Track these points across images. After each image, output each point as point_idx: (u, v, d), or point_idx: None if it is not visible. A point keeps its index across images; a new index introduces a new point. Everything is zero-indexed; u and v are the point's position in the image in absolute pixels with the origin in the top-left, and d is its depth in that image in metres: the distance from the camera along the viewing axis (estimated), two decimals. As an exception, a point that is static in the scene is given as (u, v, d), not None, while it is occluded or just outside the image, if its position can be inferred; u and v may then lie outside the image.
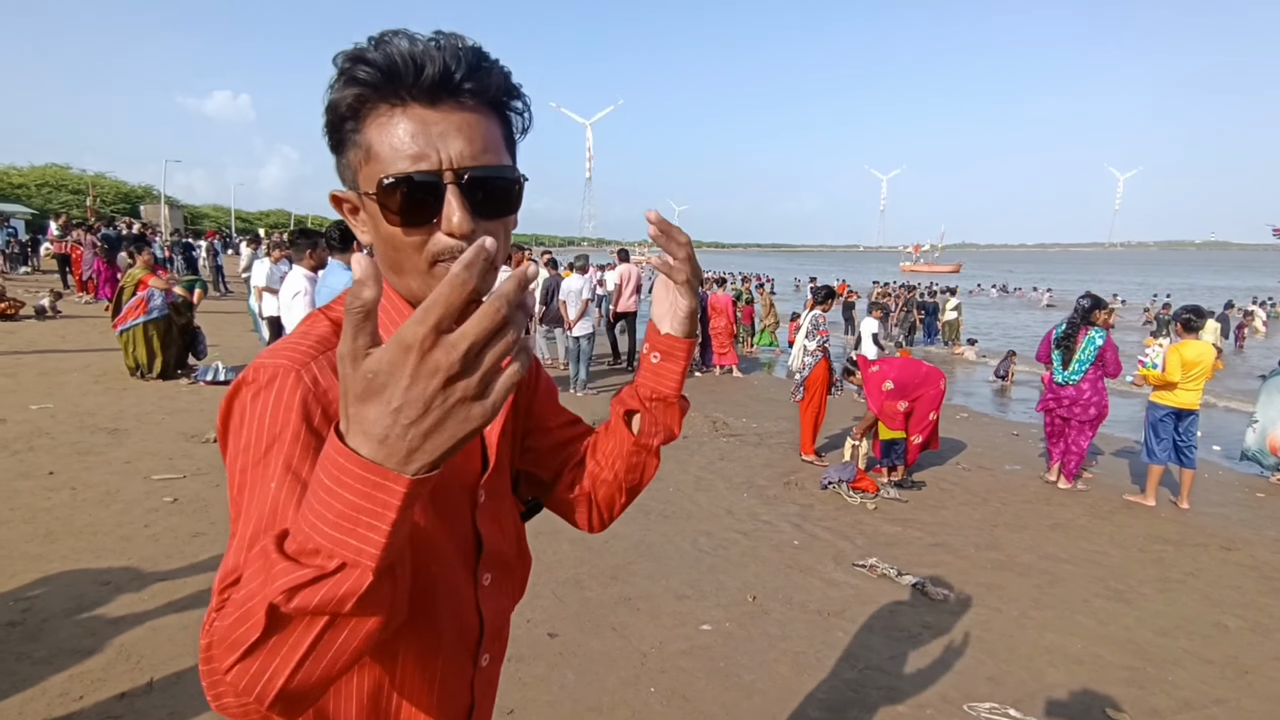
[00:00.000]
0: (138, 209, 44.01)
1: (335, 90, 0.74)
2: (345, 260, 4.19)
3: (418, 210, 0.73)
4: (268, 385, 0.72)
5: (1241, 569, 4.53)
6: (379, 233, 0.77)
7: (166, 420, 6.28)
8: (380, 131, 0.73)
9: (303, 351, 0.76)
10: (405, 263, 0.77)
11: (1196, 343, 5.62)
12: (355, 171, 0.77)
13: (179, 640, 2.99)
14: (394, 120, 0.73)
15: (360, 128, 0.74)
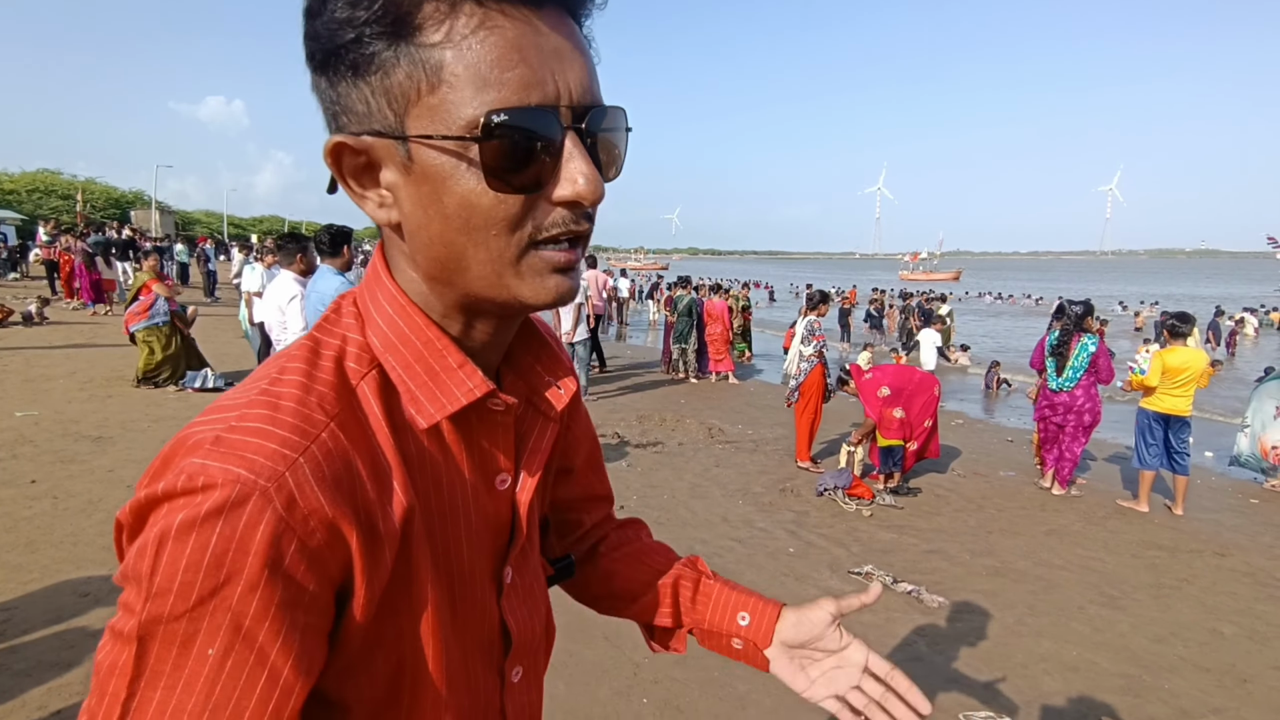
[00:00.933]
0: (128, 214, 43.82)
1: None
2: (335, 265, 4.14)
3: (531, 165, 0.49)
4: (214, 515, 0.44)
5: (1236, 575, 4.51)
6: (441, 202, 0.50)
7: (152, 428, 6.20)
8: (464, 41, 0.47)
9: (274, 451, 0.47)
10: (479, 248, 0.51)
11: (1183, 349, 5.62)
12: (404, 104, 0.49)
13: (160, 652, 2.92)
14: (488, 22, 0.47)
15: (418, 33, 0.47)
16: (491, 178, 0.49)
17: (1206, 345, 17.42)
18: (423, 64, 0.47)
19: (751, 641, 0.80)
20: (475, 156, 0.48)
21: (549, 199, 0.51)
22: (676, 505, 5.21)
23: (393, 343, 0.56)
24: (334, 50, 0.49)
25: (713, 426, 7.71)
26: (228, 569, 0.44)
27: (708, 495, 5.50)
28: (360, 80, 0.49)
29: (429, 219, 0.51)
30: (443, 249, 0.52)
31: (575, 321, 8.62)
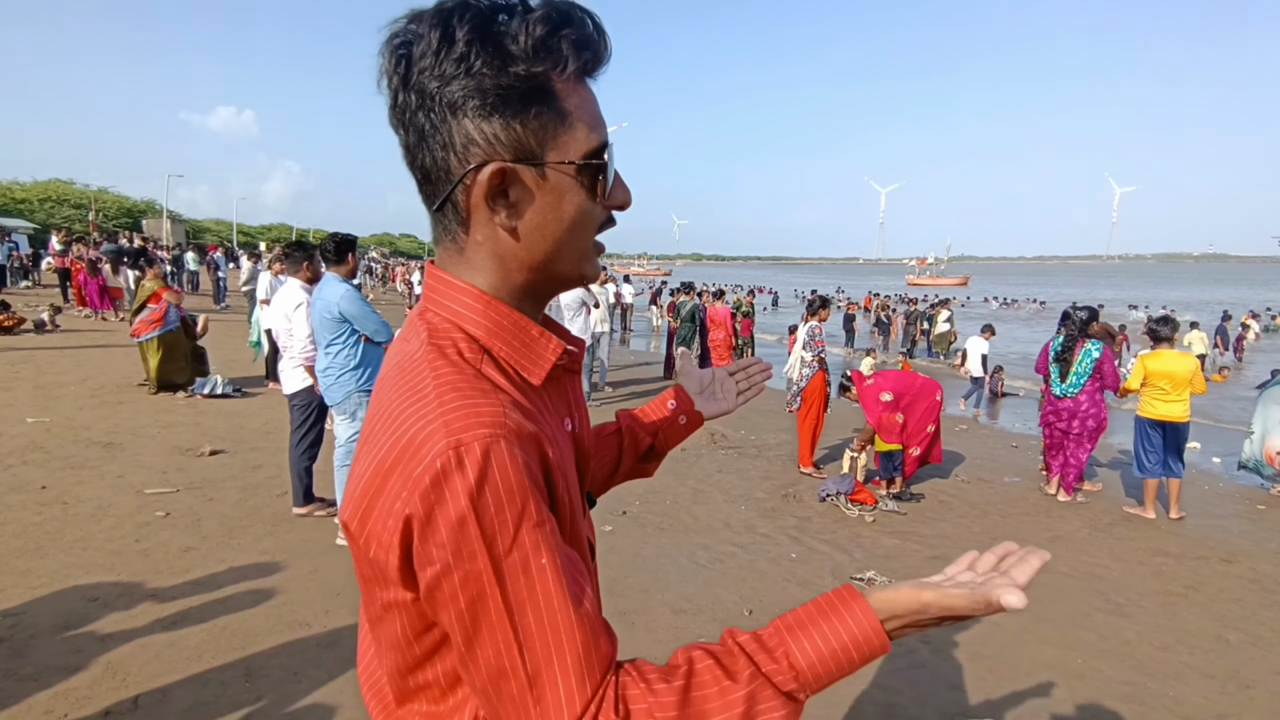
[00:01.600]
0: (140, 223, 44.19)
1: (532, 46, 0.65)
2: (340, 272, 4.18)
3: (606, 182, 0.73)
4: (484, 466, 0.59)
5: (1242, 582, 4.49)
6: (561, 210, 0.70)
7: (162, 434, 6.25)
8: (579, 100, 0.70)
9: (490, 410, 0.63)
10: (576, 241, 0.73)
11: (1168, 353, 5.60)
12: (544, 140, 0.68)
13: (166, 657, 2.95)
14: (581, 91, 0.70)
15: (553, 92, 0.67)
16: (594, 191, 0.72)
17: (1214, 350, 17.33)
18: (558, 113, 0.68)
19: (684, 410, 1.13)
20: (586, 177, 0.70)
21: (617, 203, 0.76)
22: (679, 510, 5.22)
23: (493, 330, 0.72)
24: (504, 98, 0.66)
25: (715, 432, 7.72)
26: (519, 498, 0.60)
27: (710, 500, 5.51)
28: (516, 121, 0.67)
29: (547, 221, 0.70)
30: (552, 243, 0.71)
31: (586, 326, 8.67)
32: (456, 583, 0.59)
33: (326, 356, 4.10)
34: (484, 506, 0.58)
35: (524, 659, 0.60)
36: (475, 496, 0.58)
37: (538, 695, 0.60)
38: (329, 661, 2.99)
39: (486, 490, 0.58)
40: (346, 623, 3.31)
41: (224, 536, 4.20)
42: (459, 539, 0.58)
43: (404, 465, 0.60)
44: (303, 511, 4.56)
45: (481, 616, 0.60)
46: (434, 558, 0.59)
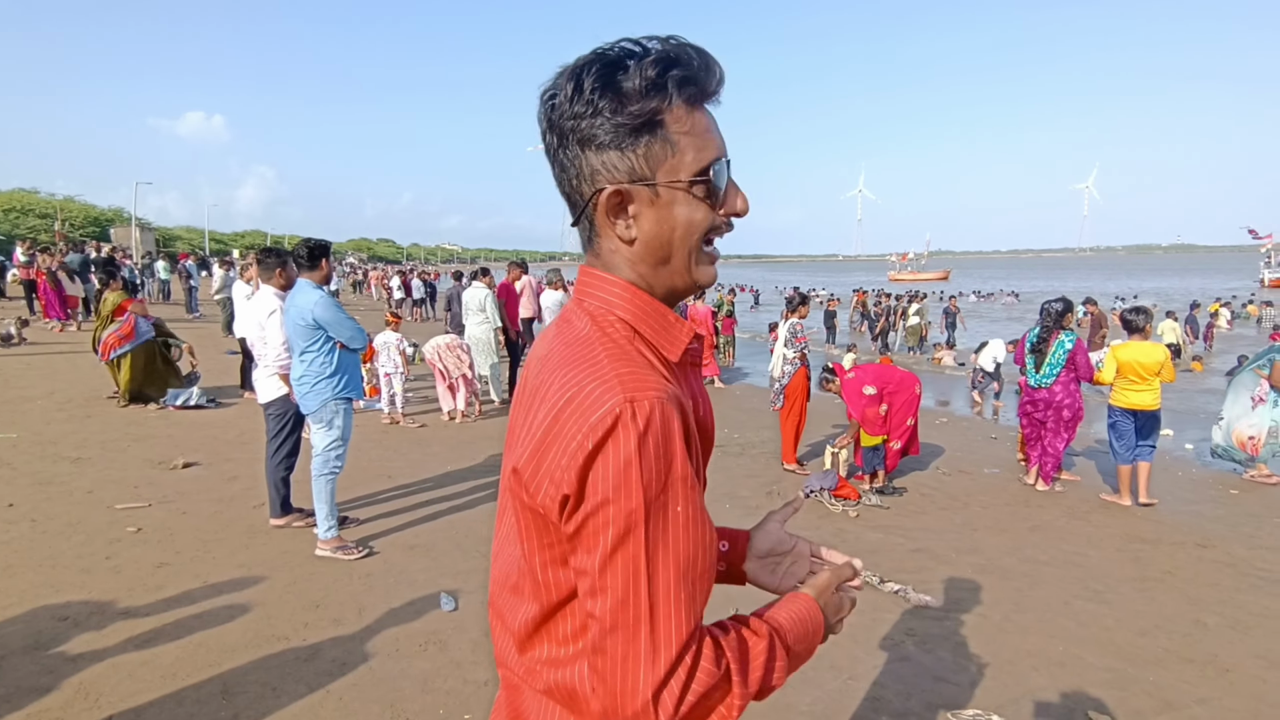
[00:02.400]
0: (108, 232, 43.35)
1: (644, 87, 0.78)
2: (313, 278, 4.12)
3: (718, 193, 0.83)
4: (650, 421, 0.71)
5: (1218, 566, 4.56)
6: (670, 222, 0.82)
7: (132, 447, 6.13)
8: (688, 127, 0.80)
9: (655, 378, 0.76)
10: (684, 247, 0.83)
11: (1139, 343, 5.69)
12: (655, 164, 0.80)
13: (139, 676, 2.88)
14: (696, 117, 0.81)
15: (662, 124, 0.79)
16: (705, 203, 0.82)
17: (1185, 339, 17.65)
18: (667, 141, 0.80)
19: (731, 563, 1.05)
20: (697, 192, 0.81)
21: (731, 210, 0.85)
22: (664, 511, 5.20)
23: (639, 314, 0.84)
24: (619, 132, 0.79)
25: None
26: (674, 452, 0.72)
27: (695, 500, 5.49)
28: (629, 151, 0.80)
29: (662, 231, 0.82)
30: (665, 250, 0.83)
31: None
32: (610, 515, 0.70)
33: (301, 364, 4.04)
34: (646, 454, 0.70)
35: (649, 590, 0.71)
36: (641, 445, 0.69)
37: (653, 623, 0.71)
38: (309, 675, 2.94)
39: (649, 441, 0.70)
40: (327, 635, 3.26)
41: (198, 551, 4.11)
42: (622, 478, 0.69)
43: (581, 412, 0.71)
44: (280, 523, 4.48)
45: (621, 548, 0.70)
46: (598, 490, 0.70)
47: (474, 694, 2.86)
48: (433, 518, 4.80)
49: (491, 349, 8.53)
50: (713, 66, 0.82)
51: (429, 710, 2.76)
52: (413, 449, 6.59)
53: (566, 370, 0.77)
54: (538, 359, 0.86)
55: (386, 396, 7.76)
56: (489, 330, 8.44)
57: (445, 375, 7.83)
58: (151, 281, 22.29)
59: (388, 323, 8.05)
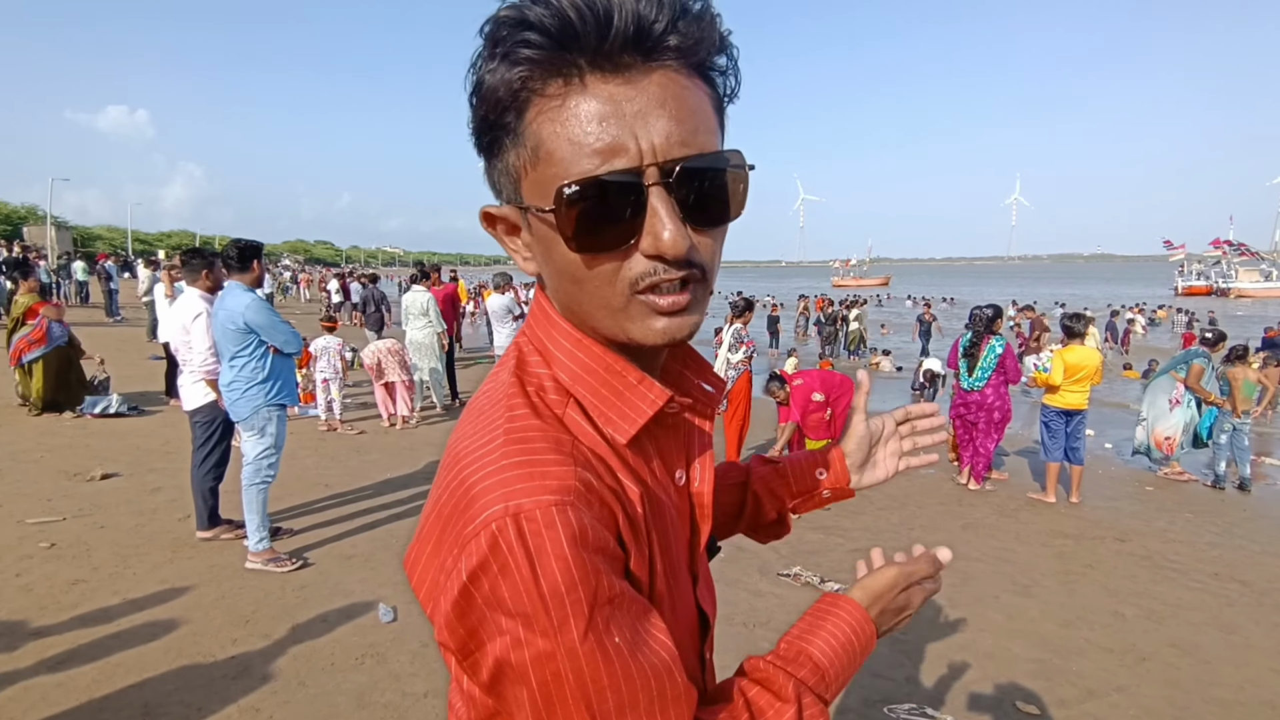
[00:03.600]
0: (20, 231, 40.89)
1: (486, 70, 0.55)
2: (244, 280, 3.96)
3: (611, 226, 0.54)
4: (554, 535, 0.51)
5: (1135, 559, 4.81)
6: (552, 259, 0.59)
7: (46, 458, 5.78)
8: (552, 120, 0.54)
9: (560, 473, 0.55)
10: (589, 297, 0.58)
11: (1081, 348, 6.00)
12: (517, 179, 0.58)
13: (53, 699, 2.71)
14: (570, 101, 0.53)
15: (523, 118, 0.55)
16: (572, 242, 0.55)
17: (1105, 344, 18.61)
18: (527, 144, 0.56)
19: (835, 486, 0.96)
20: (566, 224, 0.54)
21: (642, 252, 0.55)
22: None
23: (579, 374, 0.63)
24: (478, 141, 0.59)
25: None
26: (591, 571, 0.52)
27: (640, 505, 5.50)
28: (491, 159, 0.60)
29: (549, 272, 0.61)
30: (565, 296, 0.61)
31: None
32: (518, 662, 0.52)
33: (231, 370, 3.88)
34: (542, 585, 0.51)
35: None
36: (531, 573, 0.51)
37: None
38: (236, 693, 2.82)
39: (541, 566, 0.51)
40: (257, 650, 3.13)
41: (117, 566, 3.90)
42: (514, 617, 0.52)
43: (457, 523, 0.54)
44: (208, 535, 4.29)
45: (556, 698, 0.53)
46: (487, 633, 0.53)
47: (413, 707, 2.79)
48: (371, 526, 4.67)
49: (434, 353, 8.36)
50: (608, 8, 0.51)
51: (365, 725, 2.67)
52: (350, 456, 6.41)
53: (464, 441, 0.60)
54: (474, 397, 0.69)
55: (323, 402, 7.52)
56: (432, 334, 8.28)
57: (380, 376, 7.63)
58: (68, 283, 21.12)
59: (325, 328, 7.82)
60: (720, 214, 0.58)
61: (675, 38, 0.53)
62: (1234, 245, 57.17)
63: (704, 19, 0.55)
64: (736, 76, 0.60)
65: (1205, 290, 53.76)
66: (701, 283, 0.59)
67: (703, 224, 0.57)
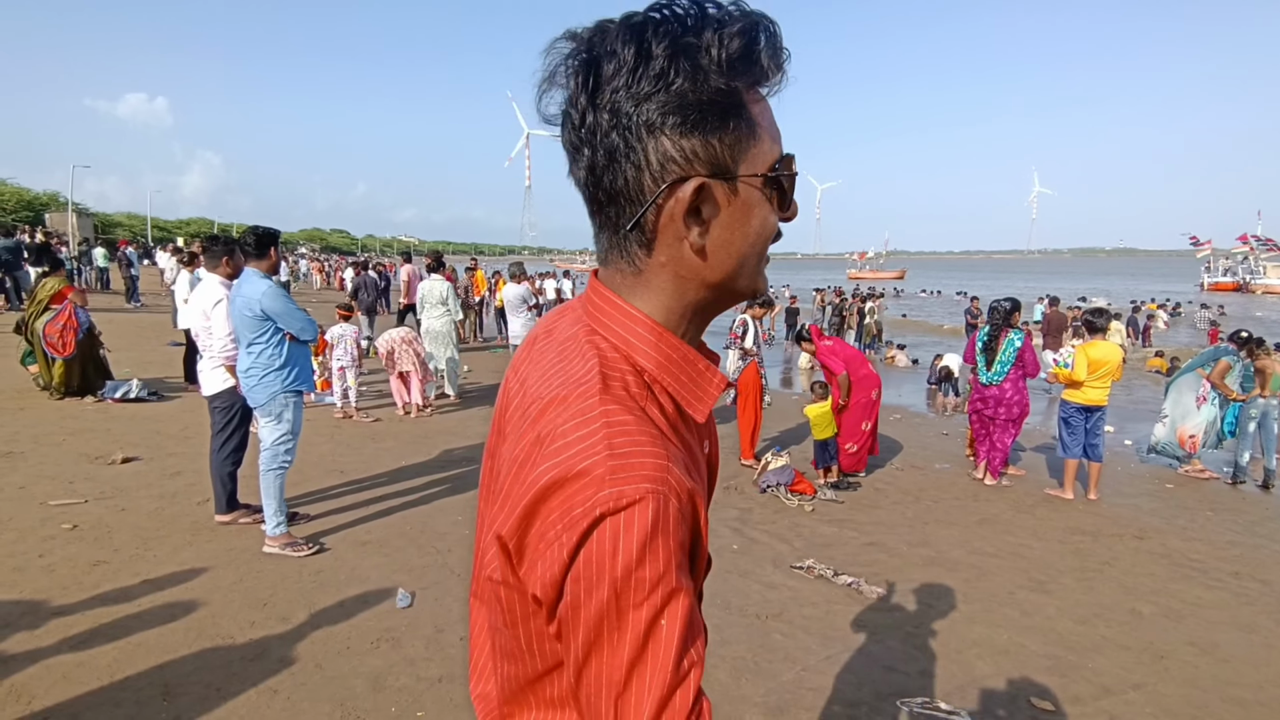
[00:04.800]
0: (43, 217, 41.46)
1: (732, 59, 0.65)
2: (261, 267, 3.99)
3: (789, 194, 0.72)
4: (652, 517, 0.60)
5: (1154, 557, 4.75)
6: (749, 226, 0.70)
7: (68, 441, 5.87)
8: (759, 112, 0.69)
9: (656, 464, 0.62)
10: (755, 255, 0.73)
11: (1103, 343, 5.92)
12: (738, 154, 0.68)
13: (75, 677, 2.76)
14: (764, 103, 0.70)
15: (745, 105, 0.67)
16: (788, 201, 0.72)
17: (1128, 339, 18.36)
18: (750, 127, 0.67)
19: None
20: (772, 189, 0.70)
21: (784, 219, 0.73)
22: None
23: (667, 366, 0.72)
24: (704, 113, 0.65)
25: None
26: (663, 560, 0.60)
27: (653, 495, 5.50)
28: (714, 136, 0.66)
29: (734, 237, 0.70)
30: (737, 259, 0.71)
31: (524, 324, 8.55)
32: (585, 619, 0.60)
33: (249, 356, 3.91)
34: (628, 562, 0.59)
35: (617, 708, 0.61)
36: (628, 550, 0.59)
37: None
38: (255, 675, 2.85)
39: (635, 546, 0.59)
40: (274, 633, 3.17)
41: (138, 548, 3.96)
42: (599, 585, 0.59)
43: (565, 499, 0.61)
44: (226, 519, 4.35)
45: (595, 655, 0.61)
46: (573, 593, 0.61)
47: (427, 691, 2.82)
48: (386, 513, 4.71)
49: (451, 342, 8.40)
50: (784, 46, 0.69)
51: (381, 709, 2.70)
52: (365, 444, 6.46)
53: (555, 433, 0.64)
54: (524, 384, 0.74)
55: (339, 390, 7.58)
56: (449, 323, 8.31)
57: (393, 366, 7.67)
58: (89, 269, 21.40)
59: (341, 316, 7.87)
60: None
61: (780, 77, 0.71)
62: (1262, 241, 56.09)
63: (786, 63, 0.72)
64: None
65: (1232, 286, 52.83)
66: None
67: None
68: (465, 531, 4.46)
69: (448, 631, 3.27)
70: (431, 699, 2.77)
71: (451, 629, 3.29)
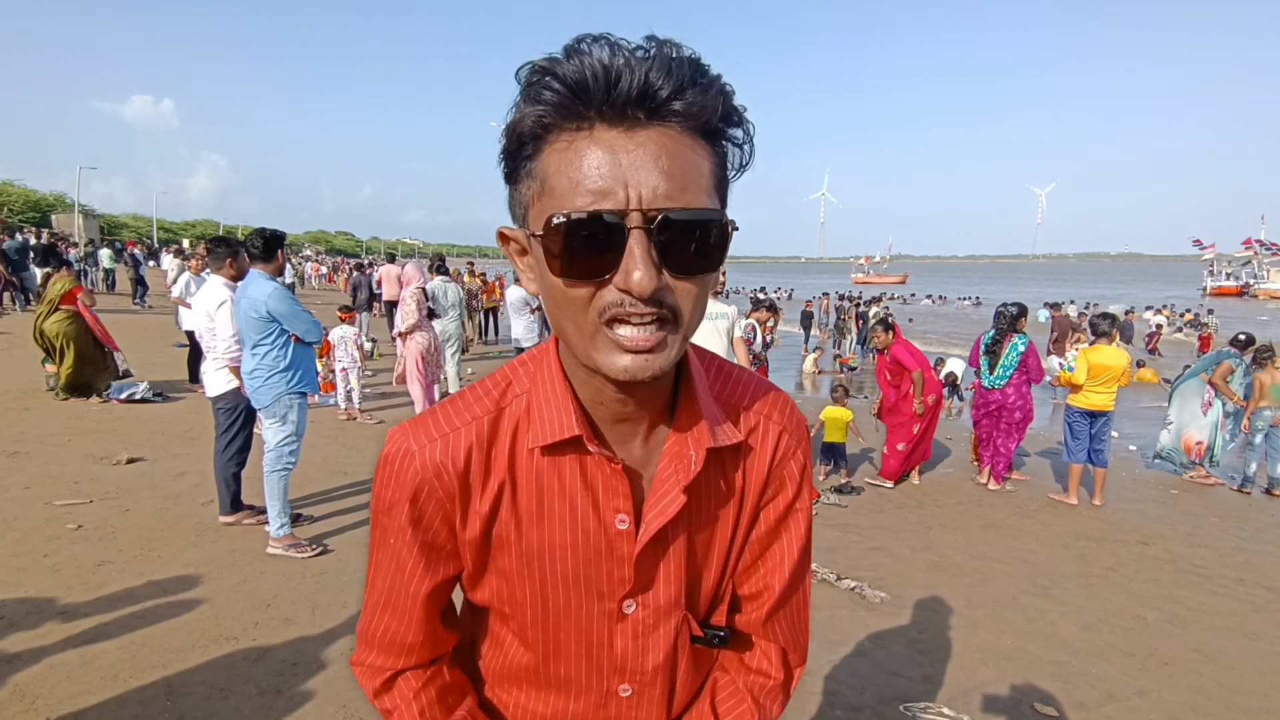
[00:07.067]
0: (49, 218, 41.64)
1: (515, 110, 0.63)
2: (267, 270, 4.01)
3: (590, 259, 0.61)
4: (389, 460, 0.78)
5: (1158, 563, 4.74)
6: (544, 283, 0.67)
7: (73, 442, 5.89)
8: (558, 160, 0.61)
9: (435, 429, 0.78)
10: (568, 321, 0.66)
11: (1107, 348, 5.90)
12: (526, 207, 0.66)
13: (79, 678, 2.77)
14: (575, 146, 0.61)
15: (538, 153, 0.63)
16: (555, 263, 0.62)
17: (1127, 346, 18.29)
18: (537, 177, 0.64)
19: None
20: (551, 249, 0.62)
21: (614, 285, 0.62)
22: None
23: (538, 382, 0.78)
24: (504, 163, 0.67)
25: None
26: (389, 502, 0.79)
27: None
28: (512, 187, 0.67)
29: (542, 294, 0.68)
30: (551, 317, 0.69)
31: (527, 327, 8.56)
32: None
33: (254, 358, 3.92)
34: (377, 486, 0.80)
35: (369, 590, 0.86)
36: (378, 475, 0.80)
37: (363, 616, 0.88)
38: (259, 675, 2.86)
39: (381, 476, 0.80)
40: (278, 635, 3.17)
41: (142, 549, 3.97)
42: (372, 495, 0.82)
43: None
44: (230, 520, 4.35)
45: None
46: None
47: (429, 693, 2.81)
48: (390, 515, 4.71)
49: (460, 344, 8.48)
50: (620, 71, 0.58)
51: (383, 710, 2.70)
52: (369, 445, 6.47)
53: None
54: None
55: (343, 392, 7.60)
56: (458, 325, 8.39)
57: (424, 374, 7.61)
58: (95, 270, 21.47)
59: (342, 319, 7.89)
60: (698, 264, 0.64)
61: (680, 103, 0.60)
62: (1266, 245, 55.92)
63: (710, 90, 0.61)
64: (750, 149, 0.68)
65: (1235, 291, 52.70)
66: (673, 325, 0.65)
67: (681, 271, 0.63)
68: (468, 534, 4.46)
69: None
70: (434, 701, 2.77)
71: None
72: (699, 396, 0.79)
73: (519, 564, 0.79)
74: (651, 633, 0.83)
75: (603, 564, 0.79)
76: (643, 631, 0.83)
